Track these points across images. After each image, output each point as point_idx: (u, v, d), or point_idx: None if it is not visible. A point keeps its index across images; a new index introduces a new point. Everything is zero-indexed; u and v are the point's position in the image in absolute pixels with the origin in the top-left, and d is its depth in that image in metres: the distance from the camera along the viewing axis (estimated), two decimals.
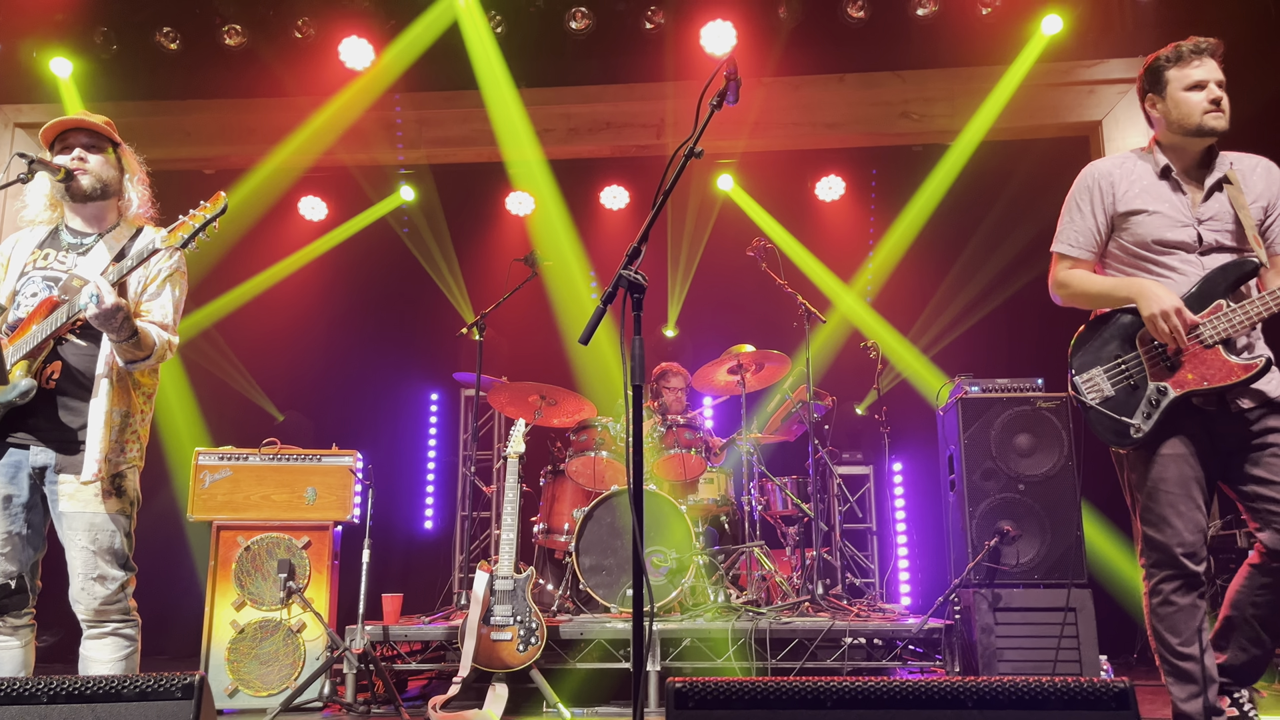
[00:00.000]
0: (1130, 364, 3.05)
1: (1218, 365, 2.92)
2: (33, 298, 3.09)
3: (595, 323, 2.46)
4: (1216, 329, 2.93)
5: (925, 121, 6.97)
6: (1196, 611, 2.97)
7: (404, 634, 4.98)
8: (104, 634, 3.04)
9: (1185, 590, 2.99)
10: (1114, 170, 3.20)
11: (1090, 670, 4.55)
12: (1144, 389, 3.01)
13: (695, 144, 2.65)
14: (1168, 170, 3.13)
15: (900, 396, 7.32)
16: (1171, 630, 3.00)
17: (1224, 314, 2.93)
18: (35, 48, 6.80)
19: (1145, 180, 3.15)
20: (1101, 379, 3.09)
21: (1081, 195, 3.24)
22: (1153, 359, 3.02)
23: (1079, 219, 3.23)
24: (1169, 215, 3.07)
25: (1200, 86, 3.07)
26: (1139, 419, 2.99)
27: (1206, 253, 3.04)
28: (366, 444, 5.62)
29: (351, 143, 7.21)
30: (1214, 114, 3.06)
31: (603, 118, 7.21)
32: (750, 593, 5.56)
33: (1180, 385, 2.95)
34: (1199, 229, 3.05)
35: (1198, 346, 2.94)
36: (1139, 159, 3.21)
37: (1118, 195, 3.16)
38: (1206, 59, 3.10)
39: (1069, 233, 3.25)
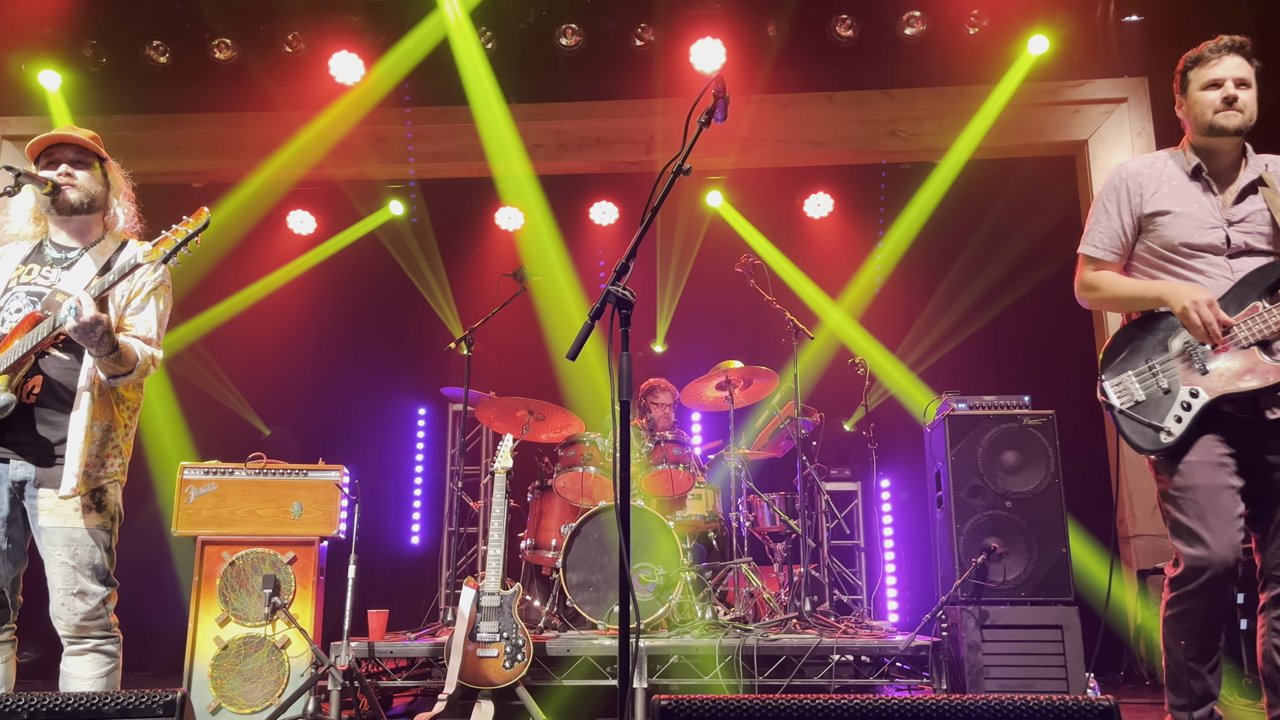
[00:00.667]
0: (1162, 367, 2.96)
1: (1254, 366, 2.83)
2: (16, 313, 3.07)
3: (583, 338, 2.47)
4: (1252, 330, 2.84)
5: (913, 140, 7.03)
6: (1213, 629, 2.88)
7: (389, 650, 4.95)
8: (85, 650, 3.01)
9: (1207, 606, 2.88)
10: (1143, 170, 3.15)
11: (1077, 688, 4.55)
12: (1176, 393, 2.90)
13: (684, 161, 2.66)
14: (1199, 170, 3.07)
15: (888, 413, 7.33)
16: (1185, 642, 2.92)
17: (1260, 315, 2.85)
18: (24, 60, 6.80)
19: (1175, 180, 3.09)
20: (1132, 383, 3.00)
21: (1109, 196, 3.18)
22: (1186, 363, 2.92)
23: (1105, 220, 3.17)
24: (1197, 217, 3.02)
25: (1216, 85, 3.03)
26: (1169, 422, 2.89)
27: (1235, 255, 2.98)
28: (353, 459, 5.61)
29: (341, 157, 7.22)
30: (1225, 113, 3.01)
31: (592, 134, 7.24)
32: (738, 609, 5.55)
33: (1213, 389, 2.86)
34: (1228, 231, 2.99)
35: (1232, 349, 2.85)
36: (1171, 158, 3.16)
37: (1145, 196, 3.10)
38: (1227, 56, 3.05)
39: (1095, 234, 3.18)
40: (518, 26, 6.71)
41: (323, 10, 6.68)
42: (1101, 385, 3.07)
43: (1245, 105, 3.02)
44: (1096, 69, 6.79)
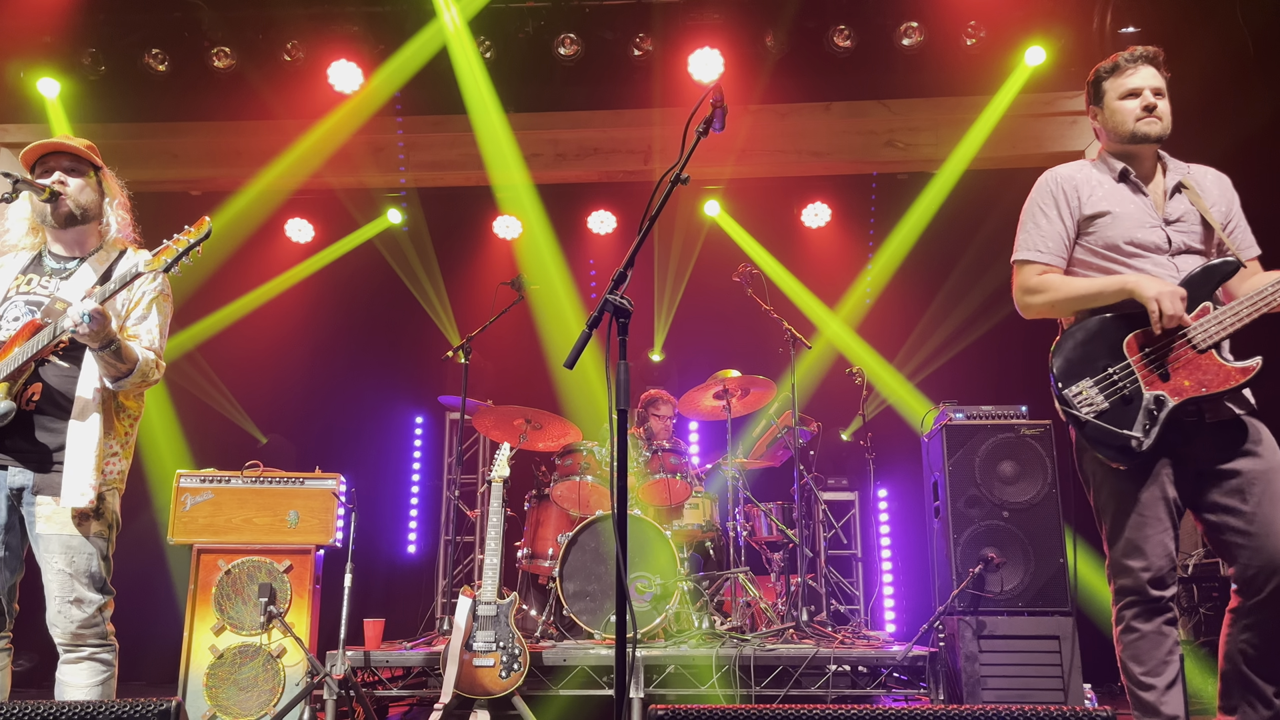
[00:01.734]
0: (1121, 373, 2.87)
1: (1213, 369, 2.79)
2: (15, 321, 3.08)
3: (580, 347, 2.47)
4: (1208, 331, 2.80)
5: (910, 150, 7.05)
6: (1163, 640, 2.83)
7: (385, 659, 4.94)
8: (81, 658, 3.00)
9: (1149, 617, 2.86)
10: (1075, 174, 3.14)
11: (1074, 698, 4.54)
12: (1139, 400, 2.82)
13: (681, 170, 2.67)
14: (1126, 173, 3.08)
15: (885, 423, 7.34)
16: (1135, 659, 2.87)
17: (1213, 316, 2.81)
18: (23, 68, 6.80)
19: (1106, 185, 3.09)
20: (1092, 391, 2.89)
21: (1045, 200, 3.13)
22: (1144, 367, 2.84)
23: (1046, 224, 3.10)
24: (1136, 217, 3.00)
25: (1134, 94, 3.06)
26: (1139, 431, 2.80)
27: (1177, 254, 2.96)
28: (350, 467, 5.59)
29: (339, 165, 7.23)
30: (1146, 120, 3.03)
31: (590, 143, 7.26)
32: (735, 619, 5.54)
33: (1178, 393, 2.79)
34: (1167, 230, 2.98)
35: (1190, 351, 2.81)
36: (1093, 167, 3.16)
37: (1083, 198, 3.08)
38: (1142, 66, 3.08)
39: (1036, 239, 3.11)
40: (516, 36, 6.73)
41: (321, 19, 6.69)
42: (1059, 394, 2.95)
43: (1164, 114, 3.06)
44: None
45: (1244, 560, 2.78)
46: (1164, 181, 3.07)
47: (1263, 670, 2.79)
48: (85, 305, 2.87)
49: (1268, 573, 2.73)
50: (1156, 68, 3.12)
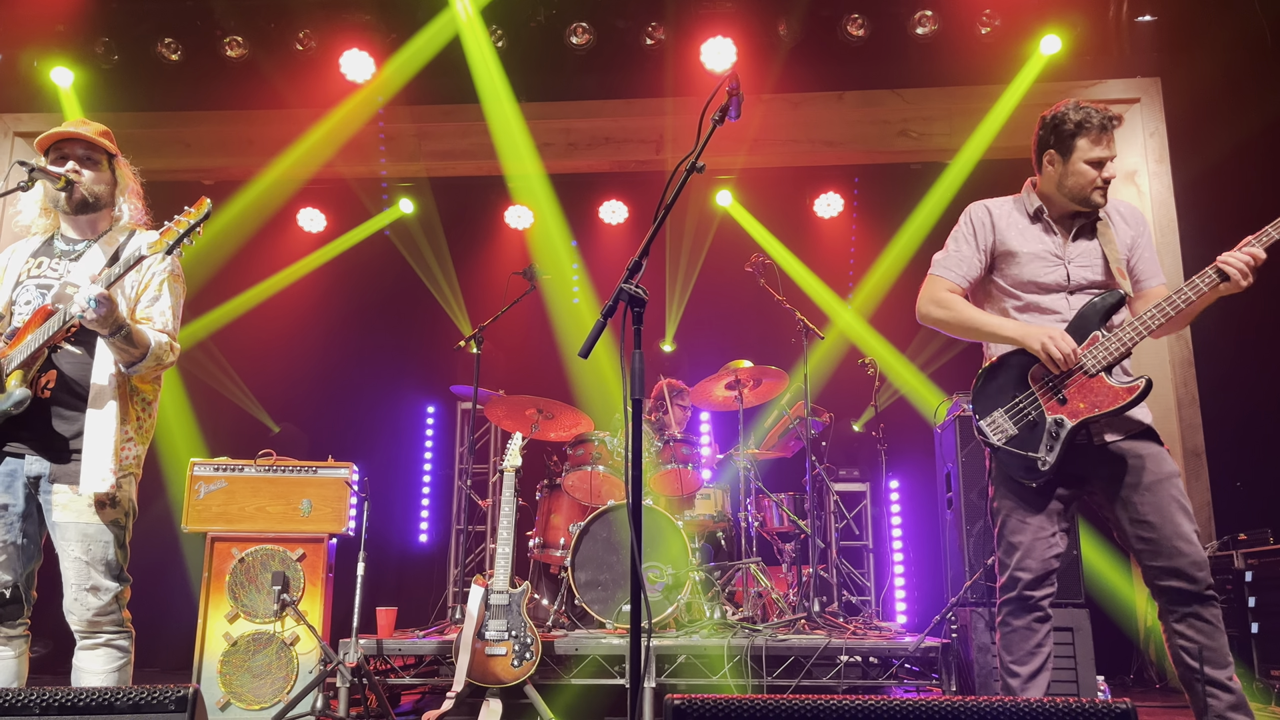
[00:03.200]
0: (1026, 401, 3.17)
1: (1104, 391, 3.06)
2: (27, 305, 3.09)
3: (595, 336, 2.46)
4: (1097, 358, 3.07)
5: (924, 140, 7.00)
6: (1032, 634, 3.13)
7: (398, 648, 4.95)
8: (97, 645, 3.02)
9: (1022, 613, 3.15)
10: (995, 210, 3.39)
11: (1087, 690, 4.53)
12: (1042, 423, 3.13)
13: (697, 158, 2.65)
14: (1040, 212, 3.31)
15: (898, 414, 7.31)
16: (1006, 649, 3.18)
17: (1101, 343, 3.08)
18: (36, 57, 6.82)
19: (1021, 224, 3.33)
20: (1003, 419, 3.20)
21: (967, 229, 3.40)
22: (1045, 394, 3.14)
23: (964, 250, 3.37)
24: (1042, 256, 3.25)
25: (1099, 164, 3.20)
26: (1043, 451, 3.11)
27: (1074, 291, 3.22)
28: (362, 456, 5.61)
29: (351, 155, 7.23)
30: (1101, 191, 3.22)
31: (602, 133, 7.23)
32: (746, 609, 5.54)
33: (1074, 415, 3.08)
34: (1068, 268, 3.23)
35: (1083, 377, 3.08)
36: (1014, 204, 3.40)
37: (998, 235, 3.33)
38: (1111, 136, 3.22)
39: (954, 260, 3.38)
40: (528, 25, 6.71)
41: (334, 8, 6.69)
42: (977, 425, 3.27)
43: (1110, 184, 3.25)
44: (1109, 69, 6.76)
45: (1146, 564, 3.09)
46: (1077, 219, 3.29)
47: (1209, 659, 3.02)
48: (91, 290, 2.87)
49: (1168, 574, 3.02)
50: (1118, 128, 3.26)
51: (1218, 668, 3.00)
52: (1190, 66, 6.57)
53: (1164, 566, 3.03)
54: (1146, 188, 6.64)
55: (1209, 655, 3.01)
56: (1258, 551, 5.19)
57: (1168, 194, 6.61)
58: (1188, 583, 3.01)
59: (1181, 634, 3.04)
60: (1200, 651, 3.01)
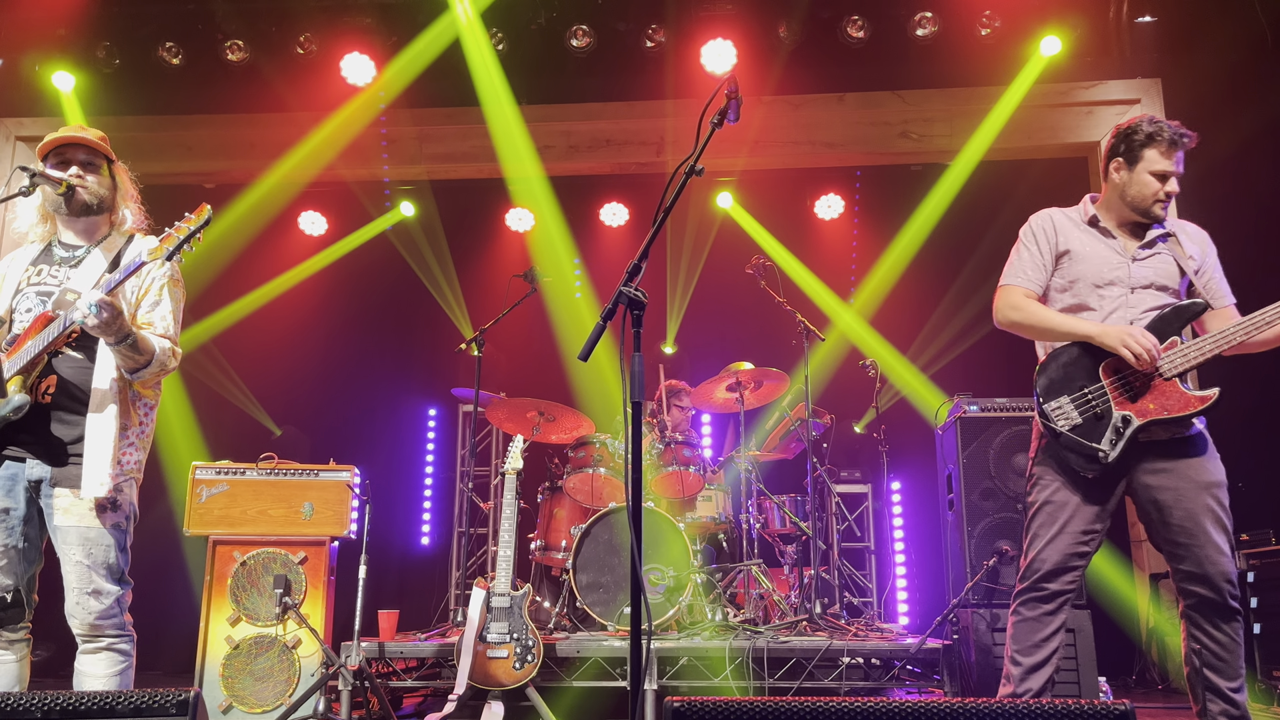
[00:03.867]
0: (1095, 394, 3.20)
1: (1176, 396, 3.10)
2: (27, 313, 3.09)
3: (595, 339, 2.46)
4: (1174, 362, 3.11)
5: (924, 141, 7.00)
6: (1040, 627, 3.20)
7: (400, 651, 4.95)
8: (99, 649, 3.02)
9: (1034, 604, 3.23)
10: (1055, 215, 3.48)
11: (1089, 692, 4.52)
12: (1109, 417, 3.16)
13: (696, 161, 2.66)
14: (1095, 220, 3.39)
15: (899, 415, 7.31)
16: (1013, 638, 3.26)
17: (1180, 350, 3.12)
18: (38, 61, 6.83)
19: (1079, 228, 3.41)
20: (1069, 407, 3.23)
21: (1030, 236, 3.48)
22: (1116, 390, 3.18)
23: (1030, 256, 3.45)
24: (1102, 255, 3.32)
25: (1164, 177, 3.27)
26: (1106, 444, 3.14)
27: (1136, 289, 3.27)
28: (364, 459, 5.61)
29: (352, 158, 7.23)
30: (1163, 205, 3.30)
31: (603, 135, 7.24)
32: (748, 611, 5.54)
33: (1143, 414, 3.12)
34: (1131, 266, 3.29)
35: (1158, 379, 3.13)
36: (1072, 211, 3.49)
37: (1060, 236, 3.41)
38: (1179, 153, 3.29)
39: (1021, 266, 3.46)
40: (529, 28, 6.72)
41: (334, 12, 6.70)
42: (1041, 409, 3.29)
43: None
44: (1109, 70, 6.75)
45: (1175, 566, 3.14)
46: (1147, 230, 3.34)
47: (1220, 670, 3.08)
48: (93, 295, 2.87)
49: (1195, 580, 3.08)
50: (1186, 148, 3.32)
51: (1227, 679, 3.05)
52: (1191, 67, 6.56)
53: (1192, 573, 3.08)
54: None
55: (1220, 666, 3.06)
56: (1259, 552, 5.19)
57: None
58: (1213, 593, 3.06)
59: (1197, 639, 3.09)
60: (1213, 660, 3.06)
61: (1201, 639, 3.08)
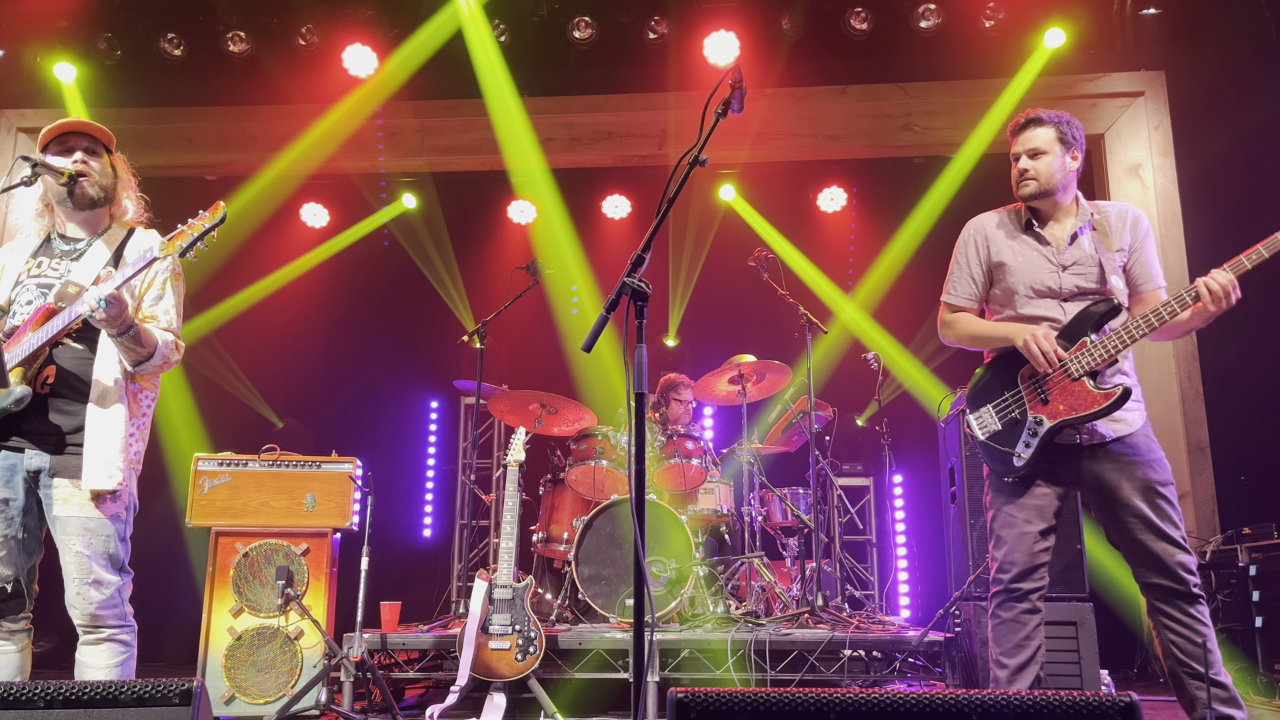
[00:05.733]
0: (1012, 399, 3.30)
1: (1083, 395, 3.15)
2: (27, 305, 3.08)
3: (598, 330, 2.45)
4: (1081, 362, 3.16)
5: (927, 134, 6.99)
6: (1020, 627, 3.22)
7: (402, 642, 4.96)
8: (100, 639, 3.02)
9: (1010, 606, 3.24)
10: (988, 224, 3.51)
11: (1091, 684, 4.52)
12: (1024, 421, 3.25)
13: (700, 152, 2.65)
14: (1030, 224, 3.40)
15: (901, 408, 7.30)
16: (995, 641, 3.27)
17: (1088, 349, 3.17)
18: (39, 53, 6.82)
19: (1013, 235, 3.43)
20: (990, 415, 3.34)
21: (961, 250, 3.54)
22: (1030, 393, 3.26)
23: (960, 271, 3.52)
24: (1034, 264, 3.35)
25: (1016, 159, 3.42)
26: (1020, 448, 3.23)
27: (1069, 298, 3.31)
28: (366, 451, 5.61)
29: (353, 150, 7.22)
30: (1021, 183, 3.39)
31: (605, 127, 7.23)
32: (750, 604, 5.54)
33: (1053, 415, 3.19)
34: (1061, 275, 3.32)
35: (1065, 380, 3.18)
36: (1009, 214, 3.50)
37: (992, 247, 3.45)
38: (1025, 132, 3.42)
39: (952, 283, 3.54)
40: (531, 19, 6.70)
41: (336, 3, 6.69)
42: (966, 419, 3.41)
43: (1038, 173, 3.36)
44: (1113, 62, 6.73)
45: (1133, 564, 3.21)
46: (1070, 225, 3.38)
47: (1195, 656, 3.10)
48: (102, 290, 2.87)
49: (1153, 572, 3.14)
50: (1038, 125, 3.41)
51: (1207, 665, 3.07)
52: (1195, 59, 6.54)
53: (1149, 566, 3.14)
54: (1151, 181, 6.62)
55: (1196, 653, 3.08)
56: (1262, 546, 5.19)
57: (1172, 187, 6.59)
58: (1174, 582, 3.10)
59: (1170, 629, 3.13)
60: (1189, 647, 3.09)
61: (1174, 628, 3.11)
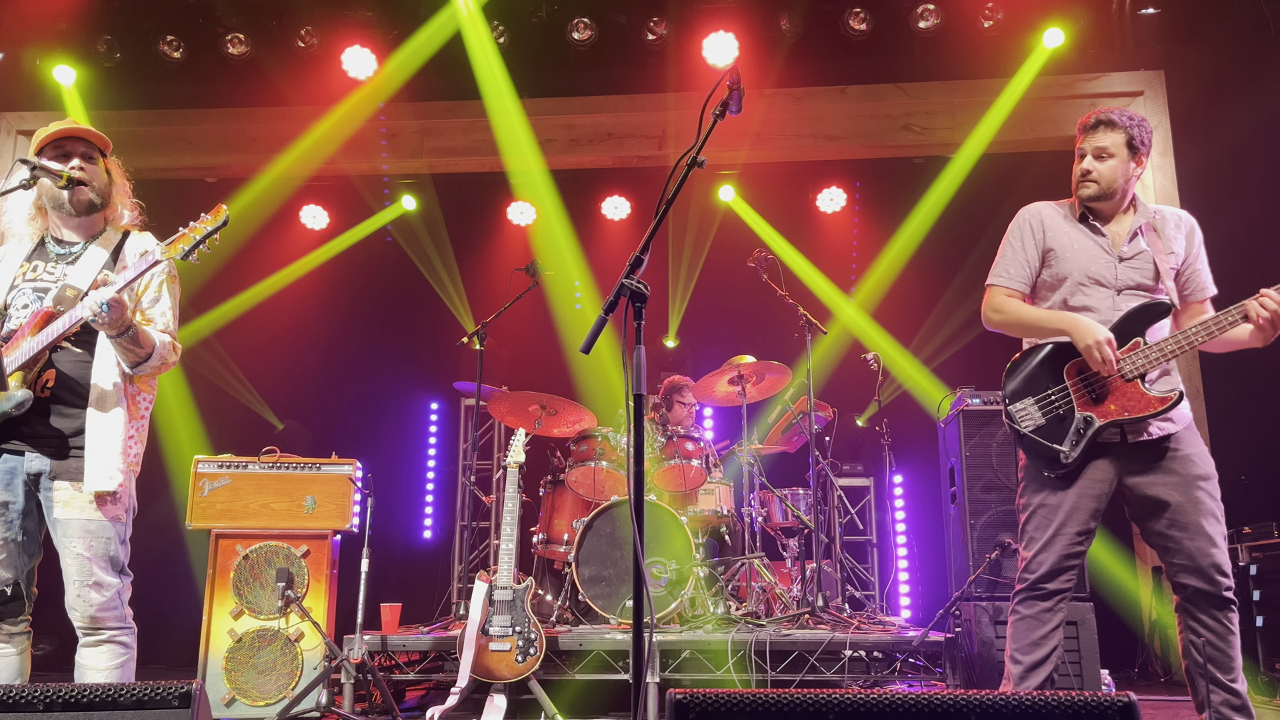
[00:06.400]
0: (1058, 395, 3.25)
1: (1137, 397, 3.13)
2: (24, 309, 3.08)
3: (596, 332, 2.45)
4: (1135, 364, 3.14)
5: (927, 134, 6.99)
6: (1038, 625, 3.21)
7: (402, 644, 4.96)
8: (100, 641, 3.02)
9: (1031, 603, 3.24)
10: (1044, 210, 3.48)
11: (1091, 684, 4.52)
12: (1071, 419, 3.21)
13: (698, 153, 2.65)
14: (1085, 215, 3.39)
15: (901, 408, 7.30)
16: (1012, 637, 3.26)
17: (1141, 350, 3.14)
18: (39, 55, 6.83)
19: (1068, 224, 3.41)
20: (1033, 408, 3.29)
21: (1015, 233, 3.49)
22: (1079, 391, 3.22)
23: (1013, 254, 3.46)
24: (1090, 253, 3.32)
25: (1082, 156, 3.37)
26: (1068, 446, 3.19)
27: (1121, 290, 3.28)
28: (366, 453, 5.61)
29: (353, 152, 7.23)
30: (1081, 184, 3.36)
31: (604, 128, 7.23)
32: (750, 604, 5.54)
33: (1104, 415, 3.16)
34: (1118, 267, 3.29)
35: (1119, 380, 3.16)
36: (1065, 206, 3.48)
37: (1048, 233, 3.41)
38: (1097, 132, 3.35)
39: (1005, 265, 3.48)
40: (530, 21, 6.70)
41: (335, 5, 6.69)
42: (1005, 408, 3.36)
43: (1100, 175, 3.32)
44: (1113, 62, 6.73)
45: (1169, 561, 3.16)
46: (1129, 222, 3.35)
47: (1217, 661, 3.09)
48: (104, 294, 2.87)
49: (1189, 573, 3.09)
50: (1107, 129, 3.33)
51: (1226, 670, 3.06)
52: (1194, 59, 6.54)
53: (1185, 565, 3.09)
54: (1150, 181, 6.62)
55: (1218, 658, 3.07)
56: (1262, 545, 5.18)
57: (1171, 187, 6.59)
58: (1207, 584, 3.07)
59: (1194, 630, 3.11)
60: (1211, 652, 3.07)
61: (1199, 630, 3.10)
